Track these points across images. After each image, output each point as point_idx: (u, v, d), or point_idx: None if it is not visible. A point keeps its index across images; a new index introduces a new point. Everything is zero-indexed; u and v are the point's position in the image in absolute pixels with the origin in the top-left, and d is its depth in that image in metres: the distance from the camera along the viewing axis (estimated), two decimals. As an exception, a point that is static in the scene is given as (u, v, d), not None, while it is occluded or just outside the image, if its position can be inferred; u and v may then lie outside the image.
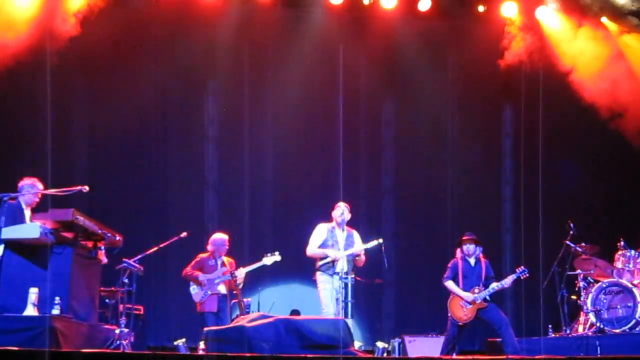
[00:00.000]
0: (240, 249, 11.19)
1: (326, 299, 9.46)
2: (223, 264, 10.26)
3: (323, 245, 9.66)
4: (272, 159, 12.45)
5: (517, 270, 9.67)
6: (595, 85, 11.78)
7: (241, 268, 10.19)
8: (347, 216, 9.78)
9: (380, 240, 9.70)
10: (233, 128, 12.36)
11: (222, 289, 10.14)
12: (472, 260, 9.71)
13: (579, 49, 12.03)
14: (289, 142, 12.44)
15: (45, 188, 8.86)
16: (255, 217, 12.20)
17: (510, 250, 12.51)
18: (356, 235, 9.83)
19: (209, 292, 10.08)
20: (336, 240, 9.67)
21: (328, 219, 9.88)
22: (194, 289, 10.20)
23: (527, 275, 9.65)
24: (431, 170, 12.69)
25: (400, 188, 12.62)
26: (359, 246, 9.70)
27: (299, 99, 12.29)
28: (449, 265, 9.77)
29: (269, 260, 10.23)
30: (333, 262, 9.53)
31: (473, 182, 12.57)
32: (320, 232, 9.75)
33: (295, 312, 10.84)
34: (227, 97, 12.34)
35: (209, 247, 10.36)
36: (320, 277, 9.61)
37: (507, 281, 9.61)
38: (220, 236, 10.41)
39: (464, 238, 9.79)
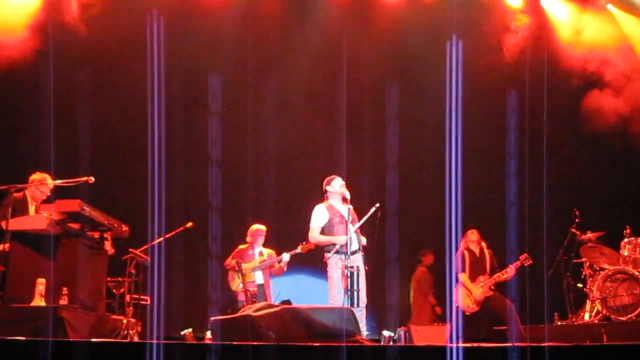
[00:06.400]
0: (245, 226, 11.01)
1: (336, 287, 8.78)
2: (261, 254, 10.43)
3: (330, 225, 8.90)
4: (276, 139, 12.49)
5: (520, 258, 9.68)
6: (600, 70, 11.78)
7: (285, 253, 10.24)
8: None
9: (377, 205, 8.89)
10: (238, 115, 12.39)
11: (258, 277, 10.25)
12: (476, 251, 9.73)
13: (584, 36, 12.01)
14: (292, 121, 12.50)
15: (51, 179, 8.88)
16: (259, 197, 12.23)
17: (515, 225, 12.43)
18: (352, 209, 9.02)
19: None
20: (341, 215, 8.88)
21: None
22: (231, 279, 10.37)
23: (531, 262, 9.65)
24: (435, 144, 12.63)
25: (403, 163, 12.55)
26: (360, 219, 8.99)
27: (303, 81, 12.33)
28: (457, 255, 9.77)
29: (304, 247, 9.93)
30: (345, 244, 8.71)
31: (477, 157, 12.49)
32: (320, 214, 8.97)
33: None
34: (232, 80, 12.31)
35: (248, 239, 10.57)
36: (332, 260, 8.82)
37: (511, 270, 9.62)
38: (257, 227, 10.59)
39: (467, 231, 9.81)
